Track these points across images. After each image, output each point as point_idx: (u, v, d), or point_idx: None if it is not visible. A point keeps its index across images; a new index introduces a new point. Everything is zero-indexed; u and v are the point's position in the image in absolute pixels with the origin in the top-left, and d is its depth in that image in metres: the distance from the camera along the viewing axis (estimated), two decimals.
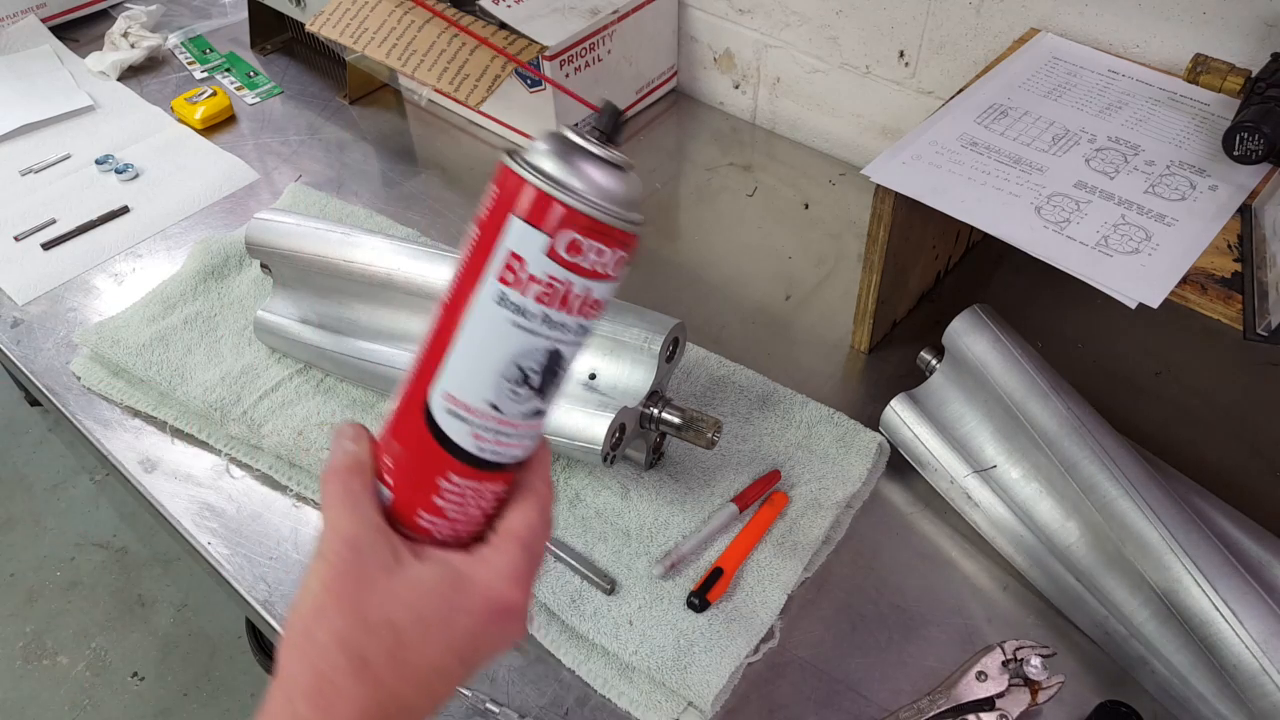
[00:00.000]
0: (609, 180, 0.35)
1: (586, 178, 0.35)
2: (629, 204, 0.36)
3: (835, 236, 0.92)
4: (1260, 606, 0.55)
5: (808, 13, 0.95)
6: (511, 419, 0.37)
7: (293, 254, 0.73)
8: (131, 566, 1.65)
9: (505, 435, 0.37)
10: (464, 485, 0.38)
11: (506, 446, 0.38)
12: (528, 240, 0.35)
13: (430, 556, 0.37)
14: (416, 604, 0.35)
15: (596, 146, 0.35)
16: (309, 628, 0.35)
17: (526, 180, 0.35)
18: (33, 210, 0.95)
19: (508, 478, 0.39)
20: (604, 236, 0.35)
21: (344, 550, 0.36)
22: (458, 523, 0.39)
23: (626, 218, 0.35)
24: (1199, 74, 0.72)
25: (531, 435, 0.39)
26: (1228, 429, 0.74)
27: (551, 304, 0.35)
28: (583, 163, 0.35)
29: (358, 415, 0.74)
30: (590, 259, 0.35)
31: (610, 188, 0.35)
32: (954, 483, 0.67)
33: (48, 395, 0.79)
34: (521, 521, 0.38)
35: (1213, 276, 0.59)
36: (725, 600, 0.63)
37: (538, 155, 0.35)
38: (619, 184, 0.35)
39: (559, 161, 0.35)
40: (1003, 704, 0.57)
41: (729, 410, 0.73)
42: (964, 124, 0.71)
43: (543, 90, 0.94)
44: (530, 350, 0.36)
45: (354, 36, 0.94)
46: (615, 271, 0.36)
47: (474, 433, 0.37)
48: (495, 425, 0.37)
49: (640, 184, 0.37)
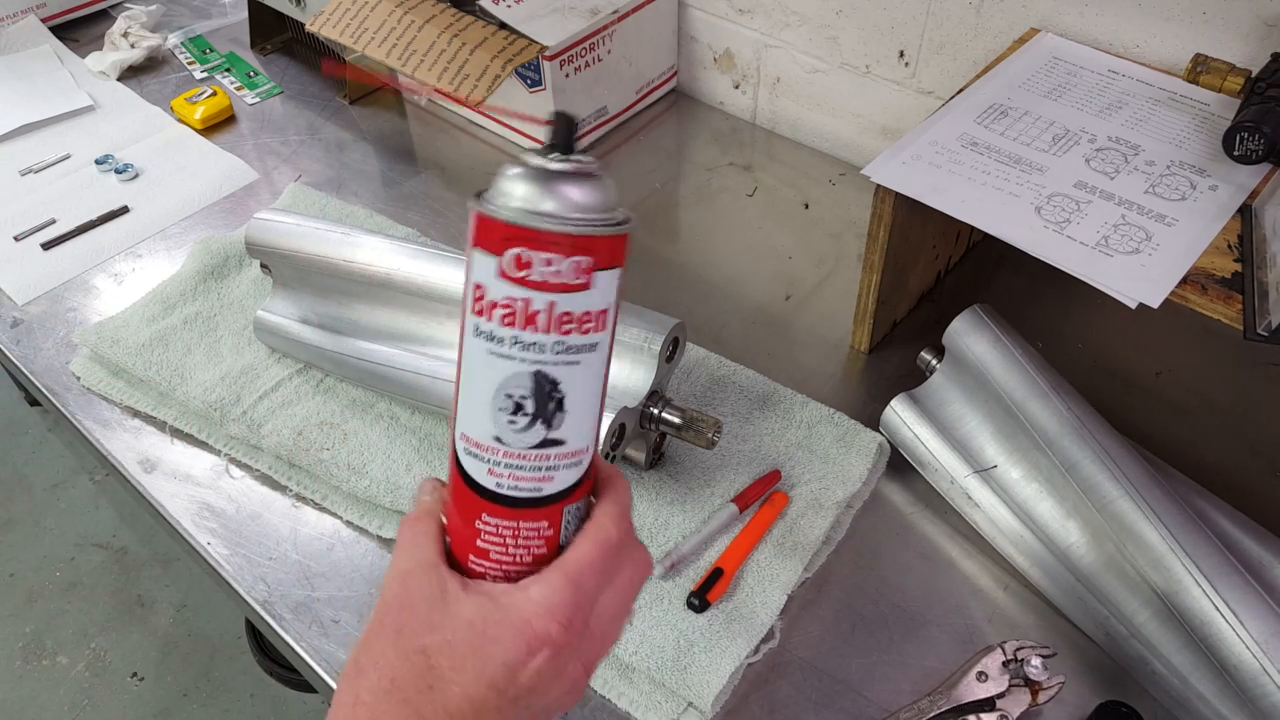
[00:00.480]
0: (546, 188, 0.34)
1: (523, 192, 0.34)
2: (581, 208, 0.35)
3: (835, 236, 0.92)
4: (1260, 606, 0.55)
5: (808, 13, 0.95)
6: (517, 450, 0.37)
7: (292, 254, 0.73)
8: (131, 567, 1.65)
9: (519, 469, 0.37)
10: (498, 524, 0.38)
11: (526, 480, 0.37)
12: (483, 266, 0.35)
13: (477, 590, 0.37)
14: (451, 634, 0.36)
15: (539, 159, 0.35)
16: (357, 657, 0.37)
17: (472, 209, 0.35)
18: (32, 210, 0.95)
19: (548, 514, 0.38)
20: (548, 245, 0.34)
21: (396, 585, 0.37)
22: (504, 563, 0.38)
23: (571, 221, 0.34)
24: (1199, 74, 0.72)
25: (553, 467, 0.38)
26: (1228, 429, 0.74)
27: (516, 324, 0.35)
28: (518, 178, 0.35)
29: (357, 415, 0.74)
30: (540, 270, 0.34)
31: (547, 195, 0.34)
32: (954, 483, 0.67)
33: (47, 395, 0.79)
34: (573, 556, 0.38)
35: (1213, 276, 0.59)
36: (725, 600, 0.63)
37: (492, 186, 0.35)
38: (562, 191, 0.35)
39: (501, 184, 0.35)
40: (1003, 704, 0.57)
41: (729, 410, 0.73)
42: (964, 124, 0.71)
43: (543, 90, 0.94)
44: (512, 376, 0.36)
45: (354, 36, 0.94)
46: (579, 279, 0.35)
47: (489, 469, 0.37)
48: (505, 459, 0.37)
49: (604, 189, 0.36)
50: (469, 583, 0.38)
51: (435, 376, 0.69)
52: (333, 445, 0.71)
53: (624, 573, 0.39)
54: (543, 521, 0.38)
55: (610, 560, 0.38)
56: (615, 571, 0.39)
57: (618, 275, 0.36)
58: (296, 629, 0.64)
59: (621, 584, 0.39)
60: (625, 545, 0.39)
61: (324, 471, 0.70)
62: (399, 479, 0.69)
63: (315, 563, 0.67)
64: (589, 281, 0.35)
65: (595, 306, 0.36)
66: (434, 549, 0.38)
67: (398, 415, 0.74)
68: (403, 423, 0.73)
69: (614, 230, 0.35)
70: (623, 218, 0.36)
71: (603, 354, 0.37)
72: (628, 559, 0.39)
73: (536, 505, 0.38)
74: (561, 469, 0.38)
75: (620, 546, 0.39)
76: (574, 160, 0.35)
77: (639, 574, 0.40)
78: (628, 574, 0.39)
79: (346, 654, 0.62)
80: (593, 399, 0.38)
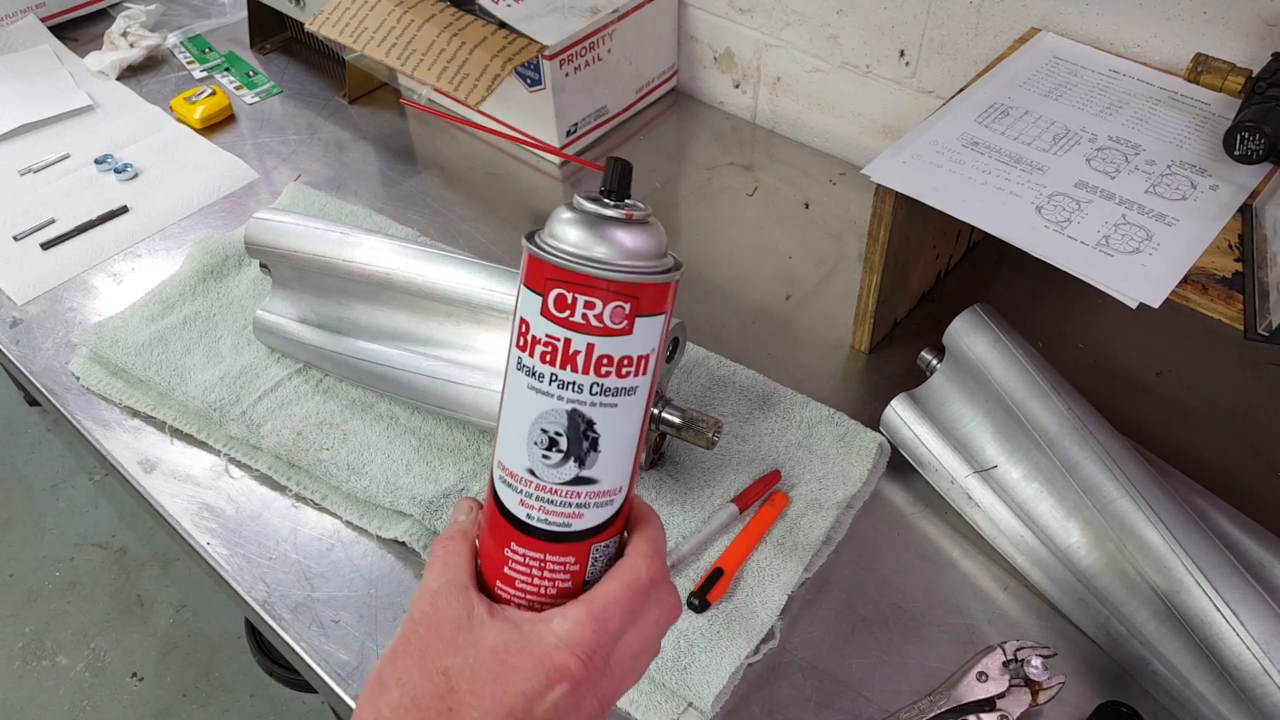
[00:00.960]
0: (596, 234, 0.35)
1: (570, 235, 0.35)
2: (626, 255, 0.35)
3: (836, 236, 0.91)
4: (1261, 607, 0.55)
5: (808, 12, 0.95)
6: (550, 485, 0.37)
7: (292, 253, 0.73)
8: (130, 567, 1.65)
9: (550, 503, 0.38)
10: (525, 554, 0.38)
11: (555, 515, 0.38)
12: (529, 303, 0.36)
13: (502, 616, 0.38)
14: (473, 658, 0.36)
15: (591, 204, 0.36)
16: (381, 672, 0.37)
17: (524, 248, 0.36)
18: (32, 210, 0.95)
19: (575, 550, 0.39)
20: (590, 289, 0.35)
21: (425, 604, 0.38)
22: (529, 592, 0.39)
23: (614, 267, 0.35)
24: (1200, 73, 0.72)
25: (584, 505, 0.38)
26: (1228, 429, 0.74)
27: (554, 363, 0.36)
28: (569, 222, 0.36)
29: (357, 415, 0.73)
30: (581, 312, 0.35)
31: (594, 239, 0.35)
32: (954, 483, 0.67)
33: (47, 395, 0.79)
34: (601, 592, 0.38)
35: (1213, 276, 0.59)
36: (725, 601, 0.63)
37: (544, 226, 0.37)
38: (609, 236, 0.35)
39: (552, 225, 0.36)
40: (1003, 705, 0.57)
41: (729, 410, 0.73)
42: (964, 123, 0.71)
43: (542, 89, 0.94)
44: (548, 412, 0.36)
45: (353, 36, 0.94)
46: (620, 324, 0.35)
47: (520, 499, 0.38)
48: (536, 492, 0.38)
49: (651, 236, 0.36)
50: (496, 608, 0.38)
51: (435, 376, 0.69)
52: (332, 445, 0.71)
53: (651, 613, 0.39)
54: (569, 556, 0.39)
55: (638, 600, 0.39)
56: (642, 611, 0.39)
57: (661, 322, 0.37)
58: (296, 629, 0.64)
59: (647, 624, 0.39)
60: (655, 586, 0.39)
61: (323, 471, 0.70)
62: (398, 479, 0.69)
63: (315, 563, 0.67)
64: (629, 327, 0.36)
65: (635, 352, 0.36)
66: (465, 570, 0.39)
67: (397, 415, 0.74)
68: (402, 423, 0.73)
69: (657, 278, 0.36)
70: (669, 265, 0.37)
71: (641, 398, 0.38)
72: (656, 600, 0.39)
73: (565, 540, 0.38)
74: (592, 507, 0.38)
75: (649, 587, 0.39)
76: (624, 206, 0.36)
77: (666, 616, 0.40)
78: (654, 615, 0.39)
79: (347, 654, 0.62)
80: (628, 442, 0.38)
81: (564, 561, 0.39)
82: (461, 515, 0.42)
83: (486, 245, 0.91)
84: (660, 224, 0.37)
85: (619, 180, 0.37)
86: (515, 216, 0.95)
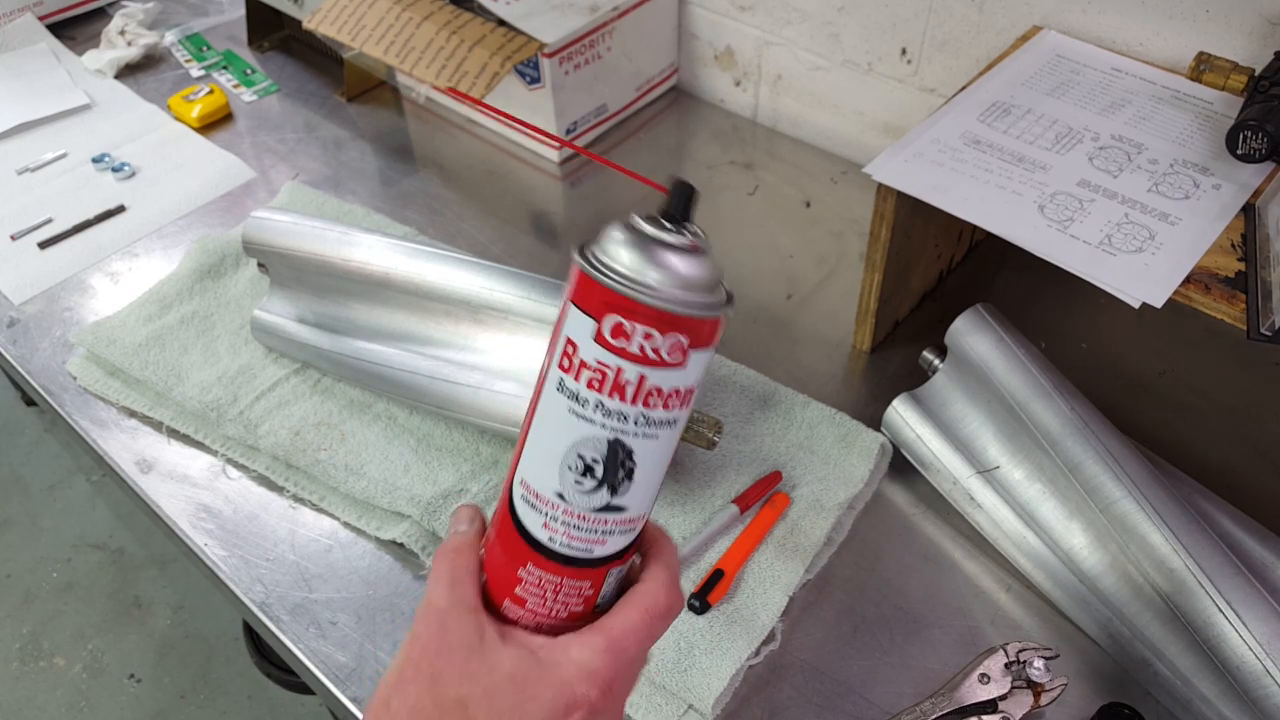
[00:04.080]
0: (659, 262, 0.34)
1: (632, 260, 0.34)
2: (688, 287, 0.34)
3: (837, 235, 0.91)
4: (1264, 608, 0.55)
5: (809, 10, 0.94)
6: (580, 511, 0.36)
7: (290, 252, 0.73)
8: (128, 568, 1.65)
9: (576, 528, 0.37)
10: (542, 577, 0.38)
11: (579, 540, 0.37)
12: (579, 325, 0.34)
13: (515, 640, 0.37)
14: (490, 687, 0.35)
15: (653, 228, 0.34)
16: (388, 697, 0.36)
17: (578, 266, 0.34)
18: (29, 209, 0.94)
19: (592, 574, 0.38)
20: (650, 320, 0.33)
21: (433, 625, 0.37)
22: (540, 614, 0.38)
23: (677, 300, 0.34)
24: (1202, 72, 0.71)
25: (609, 532, 0.37)
26: (1231, 429, 0.73)
27: (603, 391, 0.34)
28: (631, 245, 0.34)
29: (355, 416, 0.73)
30: (638, 343, 0.34)
31: (655, 267, 0.34)
32: (956, 483, 0.67)
33: (44, 395, 0.79)
34: (620, 620, 0.38)
35: (1216, 276, 0.59)
36: (726, 602, 0.62)
37: (599, 242, 0.35)
38: (673, 266, 0.34)
39: (609, 246, 0.34)
40: (1005, 706, 0.56)
41: (730, 410, 0.73)
42: (966, 122, 0.71)
43: (541, 87, 0.94)
44: (588, 439, 0.35)
45: (352, 34, 0.94)
46: (675, 358, 0.34)
47: (544, 522, 0.37)
48: (563, 516, 0.36)
49: (712, 268, 0.35)
50: (507, 632, 0.37)
51: (433, 376, 0.68)
52: (330, 446, 0.71)
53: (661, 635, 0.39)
54: (586, 581, 0.38)
55: (655, 628, 0.38)
56: (658, 637, 0.39)
57: (709, 355, 0.36)
58: (294, 630, 0.63)
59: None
60: (672, 613, 0.39)
61: (321, 472, 0.70)
62: (397, 480, 0.69)
63: (313, 564, 0.67)
64: (683, 360, 0.35)
65: (684, 385, 0.35)
66: (473, 589, 0.38)
67: (396, 416, 0.73)
68: (401, 423, 0.73)
69: (717, 313, 0.35)
70: (725, 299, 0.36)
71: (680, 429, 0.37)
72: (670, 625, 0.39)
73: (585, 565, 0.38)
74: (616, 534, 0.38)
75: (667, 614, 0.38)
76: (688, 233, 0.35)
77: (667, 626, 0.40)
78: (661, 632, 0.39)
79: (345, 656, 0.62)
80: (660, 471, 0.38)
81: (580, 586, 0.38)
82: (464, 525, 0.41)
83: (485, 244, 0.91)
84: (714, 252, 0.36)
85: (684, 205, 0.35)
86: (514, 215, 0.95)
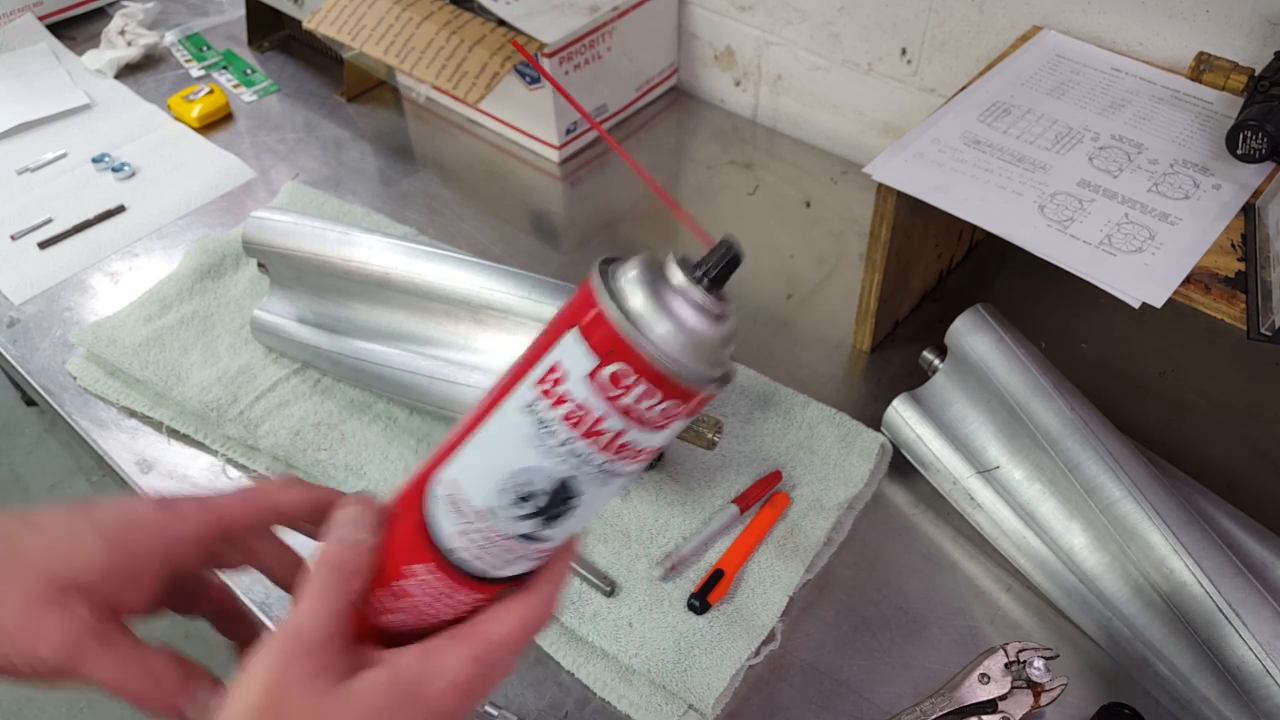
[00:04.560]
0: (681, 320, 0.31)
1: (664, 317, 0.31)
2: (710, 361, 0.32)
3: (837, 235, 0.91)
4: (1264, 608, 0.55)
5: (809, 10, 0.94)
6: (505, 534, 0.34)
7: (290, 252, 0.73)
8: None
9: (489, 547, 0.35)
10: (433, 582, 0.36)
11: (489, 558, 0.35)
12: (576, 356, 0.32)
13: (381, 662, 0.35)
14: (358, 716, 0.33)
15: (690, 285, 0.32)
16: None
17: (596, 295, 0.32)
18: (29, 209, 0.94)
19: (487, 591, 0.36)
20: (659, 382, 0.31)
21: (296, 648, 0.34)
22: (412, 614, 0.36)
23: (696, 375, 0.32)
24: (1202, 72, 0.71)
25: (524, 557, 0.35)
26: (1231, 429, 0.73)
27: (577, 430, 0.32)
28: (667, 299, 0.32)
29: (355, 416, 0.73)
30: (634, 398, 0.31)
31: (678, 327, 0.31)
32: (956, 483, 0.67)
33: (44, 395, 0.79)
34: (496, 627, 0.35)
35: (1216, 276, 0.59)
36: (726, 602, 0.62)
37: (623, 274, 0.32)
38: (704, 338, 0.32)
39: (639, 288, 0.32)
40: (1005, 706, 0.56)
41: (730, 411, 0.73)
42: (966, 122, 0.71)
43: (541, 87, 0.94)
44: (541, 470, 0.33)
45: (352, 34, 0.93)
46: (663, 422, 0.32)
47: (461, 530, 0.35)
48: (485, 533, 0.34)
49: (729, 338, 0.33)
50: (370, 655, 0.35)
51: (433, 376, 0.68)
52: (330, 446, 0.71)
53: None
54: (479, 595, 0.36)
55: (530, 638, 0.36)
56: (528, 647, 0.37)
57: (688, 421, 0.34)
58: None
59: None
60: (547, 624, 0.37)
61: (321, 472, 0.70)
62: (397, 480, 0.68)
63: None
64: (668, 425, 0.33)
65: (656, 445, 0.34)
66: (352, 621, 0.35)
67: (396, 416, 0.73)
68: (401, 423, 0.73)
69: (718, 389, 0.33)
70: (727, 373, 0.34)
71: (631, 478, 0.35)
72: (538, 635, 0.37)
73: (484, 582, 0.36)
74: (527, 560, 0.36)
75: (543, 627, 0.37)
76: (721, 300, 0.33)
77: None
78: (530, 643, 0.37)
79: None
80: (598, 510, 0.36)
81: (473, 599, 0.36)
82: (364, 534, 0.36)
83: (485, 244, 0.91)
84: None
85: (724, 268, 0.32)
86: (514, 215, 0.95)
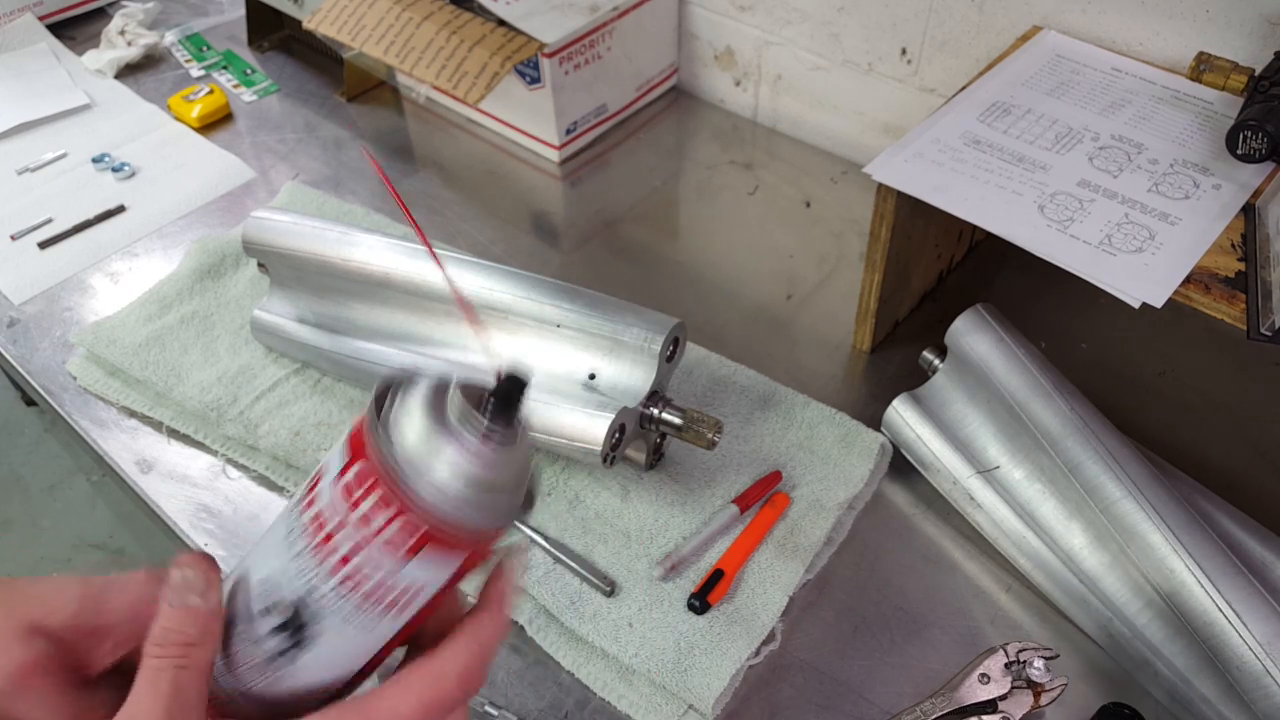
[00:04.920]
0: (435, 446, 0.29)
1: (409, 423, 0.30)
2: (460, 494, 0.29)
3: (837, 235, 0.91)
4: (1264, 608, 0.55)
5: (809, 10, 0.94)
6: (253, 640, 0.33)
7: (290, 252, 0.73)
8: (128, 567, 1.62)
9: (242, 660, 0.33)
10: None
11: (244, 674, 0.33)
12: (334, 460, 0.31)
13: None
14: None
15: (460, 415, 0.29)
16: None
17: (372, 402, 0.31)
18: (29, 209, 0.94)
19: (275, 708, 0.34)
20: (396, 506, 0.29)
21: None
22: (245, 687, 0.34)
23: (436, 509, 0.29)
24: (1202, 72, 0.71)
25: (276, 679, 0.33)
26: (1232, 429, 0.73)
27: (315, 537, 0.30)
28: (425, 419, 0.29)
29: (355, 415, 0.73)
30: (370, 511, 0.29)
31: (431, 451, 0.29)
32: (956, 484, 0.67)
33: (44, 395, 0.79)
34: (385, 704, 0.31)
35: (1216, 276, 0.59)
36: (726, 602, 0.62)
37: (400, 387, 0.31)
38: (457, 465, 0.29)
39: (410, 403, 0.30)
40: (1005, 706, 0.56)
41: (730, 410, 0.73)
42: (966, 122, 0.71)
43: (541, 87, 0.94)
44: (284, 576, 0.31)
45: (352, 34, 0.93)
46: (398, 553, 0.29)
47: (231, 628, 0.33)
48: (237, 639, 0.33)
49: (500, 472, 0.30)
50: None
51: None
52: (330, 446, 0.71)
53: None
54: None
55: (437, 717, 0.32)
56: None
57: (453, 564, 0.31)
58: None
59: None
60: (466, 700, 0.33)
61: None
62: None
63: None
64: (404, 560, 0.30)
65: (400, 584, 0.30)
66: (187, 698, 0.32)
67: None
68: None
69: (480, 526, 0.30)
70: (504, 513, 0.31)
71: (393, 630, 0.32)
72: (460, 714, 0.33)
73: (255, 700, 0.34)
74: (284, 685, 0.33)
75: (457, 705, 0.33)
76: (487, 429, 0.29)
77: None
78: None
79: None
80: (351, 668, 0.33)
81: None
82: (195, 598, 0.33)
83: (485, 244, 0.91)
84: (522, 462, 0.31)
85: (505, 401, 0.30)
86: (514, 215, 0.95)
